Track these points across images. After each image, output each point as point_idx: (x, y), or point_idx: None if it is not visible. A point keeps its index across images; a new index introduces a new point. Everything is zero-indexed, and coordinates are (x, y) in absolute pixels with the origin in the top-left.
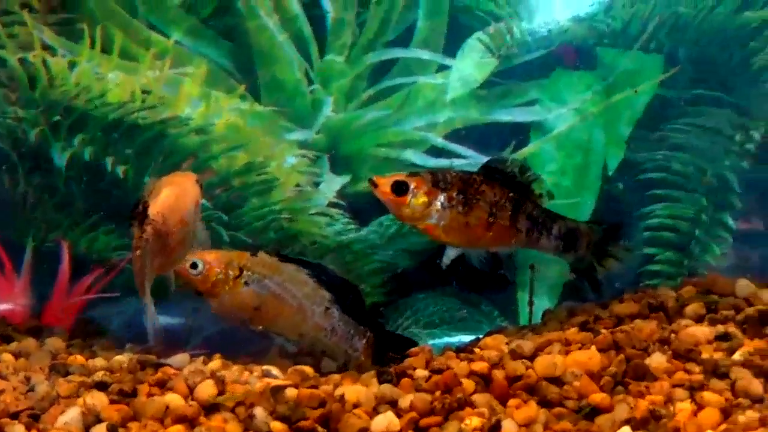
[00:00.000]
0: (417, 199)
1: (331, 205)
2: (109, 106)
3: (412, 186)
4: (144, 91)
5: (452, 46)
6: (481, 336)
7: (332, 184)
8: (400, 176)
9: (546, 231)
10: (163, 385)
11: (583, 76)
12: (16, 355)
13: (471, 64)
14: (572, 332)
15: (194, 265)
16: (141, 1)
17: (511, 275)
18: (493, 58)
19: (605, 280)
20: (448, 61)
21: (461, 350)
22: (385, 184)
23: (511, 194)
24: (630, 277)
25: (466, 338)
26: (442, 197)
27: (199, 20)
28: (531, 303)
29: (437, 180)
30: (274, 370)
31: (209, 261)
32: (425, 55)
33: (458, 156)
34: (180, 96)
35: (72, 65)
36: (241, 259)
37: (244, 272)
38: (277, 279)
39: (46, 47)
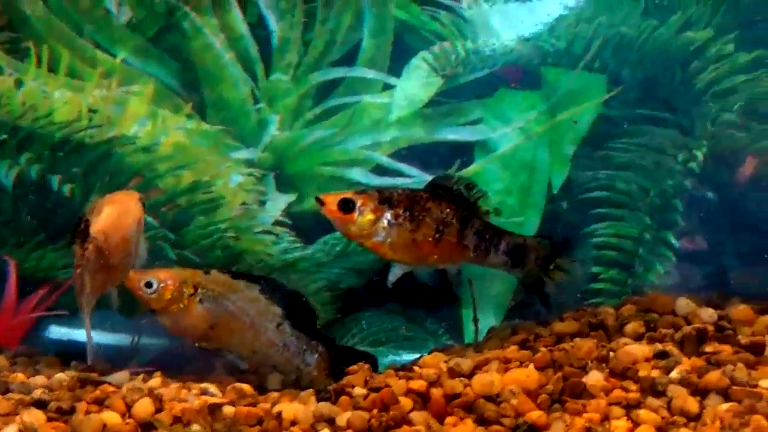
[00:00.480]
0: (364, 216)
1: (277, 223)
2: (56, 124)
3: (358, 203)
4: (91, 110)
5: (397, 65)
6: (425, 354)
7: (278, 203)
8: (347, 194)
9: (493, 247)
10: (101, 403)
11: (528, 96)
12: None
13: (416, 83)
14: (512, 350)
15: (149, 284)
16: (87, 21)
17: (457, 292)
18: (437, 77)
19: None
20: (393, 81)
21: (402, 368)
22: (331, 202)
23: (458, 211)
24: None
25: (412, 356)
26: (388, 214)
27: (146, 39)
28: (476, 320)
29: (384, 197)
30: (212, 388)
31: (163, 279)
32: (370, 74)
33: (403, 175)
34: (127, 115)
35: (18, 84)
36: (195, 277)
37: (199, 290)
38: (230, 296)
39: None
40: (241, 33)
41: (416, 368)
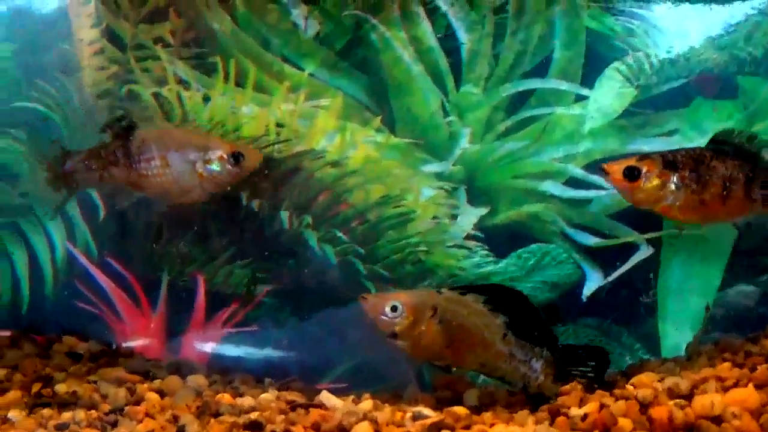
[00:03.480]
0: (650, 182)
1: (469, 237)
2: (244, 139)
3: (644, 170)
4: (278, 125)
5: (590, 76)
6: (624, 369)
7: (469, 216)
8: (631, 161)
9: None
10: (317, 428)
11: (724, 106)
12: (161, 394)
13: (609, 94)
14: (725, 368)
15: (394, 308)
16: (274, 35)
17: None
18: (631, 87)
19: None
20: (585, 92)
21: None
22: (616, 171)
23: (742, 165)
24: None
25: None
26: (674, 178)
27: (333, 53)
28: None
29: (668, 161)
30: (426, 410)
31: (406, 302)
32: (563, 85)
33: (598, 187)
34: (315, 129)
35: (206, 99)
36: (433, 298)
37: (438, 310)
38: (464, 313)
39: (180, 81)
40: (431, 45)
41: (630, 387)
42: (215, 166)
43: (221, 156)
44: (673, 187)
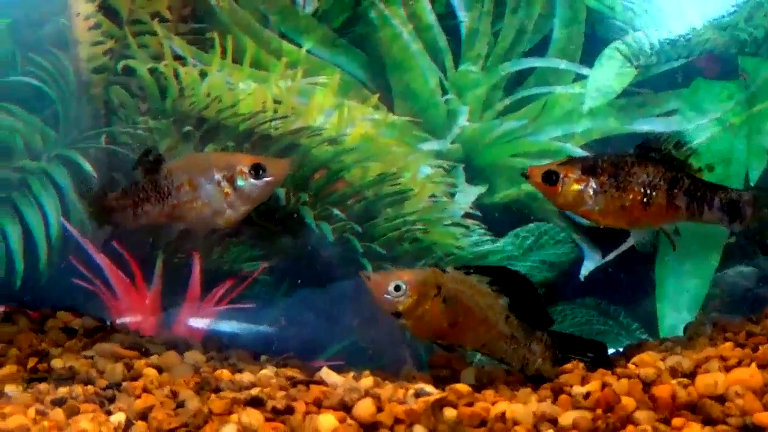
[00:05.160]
0: (568, 187)
1: (467, 216)
2: (241, 116)
3: (561, 175)
4: (275, 101)
5: (589, 55)
6: (620, 349)
7: (468, 195)
8: (551, 166)
9: (707, 204)
10: (319, 404)
11: (725, 86)
12: (159, 369)
13: (609, 73)
14: (727, 348)
15: (397, 287)
16: (272, 11)
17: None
18: (631, 67)
19: None
20: (585, 71)
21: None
22: (536, 175)
23: (665, 172)
24: None
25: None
26: (593, 183)
27: (332, 29)
28: None
29: (587, 166)
30: (428, 388)
31: (410, 281)
32: (562, 64)
33: None
34: (312, 106)
35: (203, 75)
36: (437, 277)
37: (442, 290)
38: (468, 293)
39: (176, 57)
40: (430, 23)
41: (632, 366)
42: (238, 182)
43: (241, 170)
44: (591, 192)
